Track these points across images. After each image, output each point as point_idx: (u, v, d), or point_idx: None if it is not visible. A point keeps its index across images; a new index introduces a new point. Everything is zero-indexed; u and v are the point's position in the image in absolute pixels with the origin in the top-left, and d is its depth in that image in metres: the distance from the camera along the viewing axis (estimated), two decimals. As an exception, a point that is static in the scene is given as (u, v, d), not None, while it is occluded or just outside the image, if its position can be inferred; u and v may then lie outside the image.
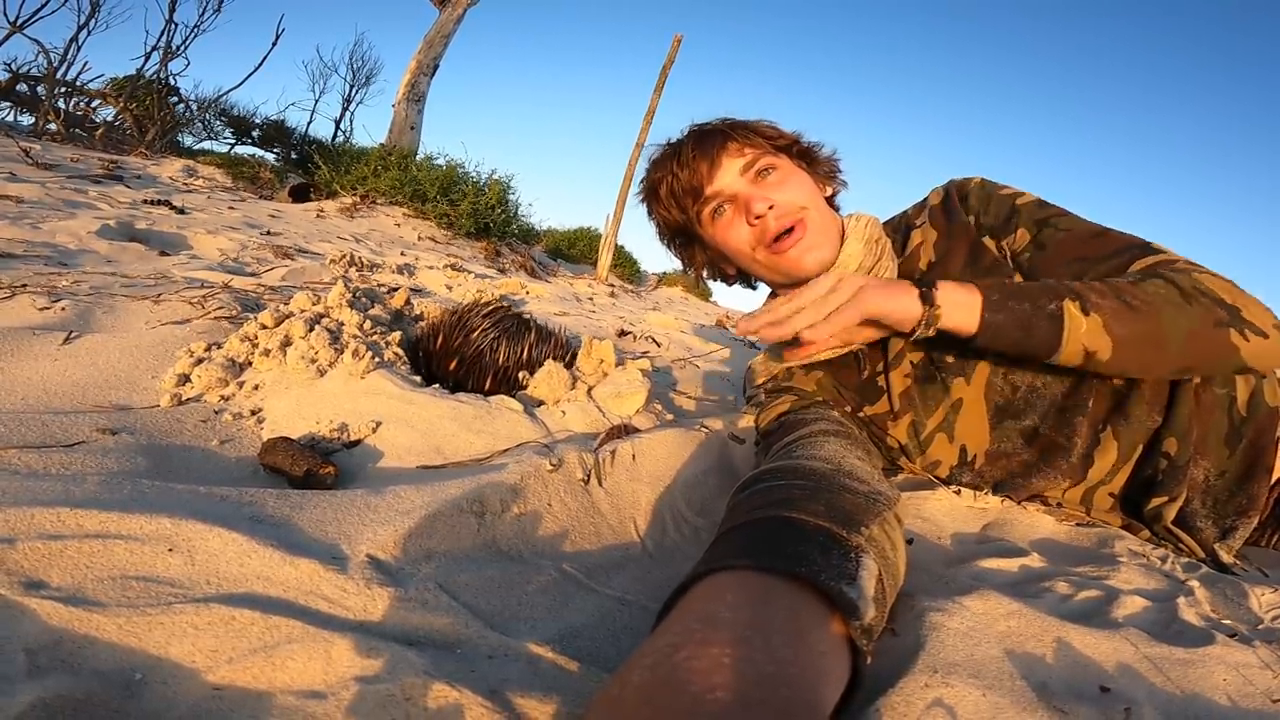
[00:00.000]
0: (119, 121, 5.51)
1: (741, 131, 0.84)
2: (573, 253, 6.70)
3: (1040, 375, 0.80)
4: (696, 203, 0.86)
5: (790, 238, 0.80)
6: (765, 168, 0.83)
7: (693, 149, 0.85)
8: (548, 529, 0.67)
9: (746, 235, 0.84)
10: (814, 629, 0.38)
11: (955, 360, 0.82)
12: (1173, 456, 0.76)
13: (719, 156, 0.84)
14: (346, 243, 3.14)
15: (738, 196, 0.84)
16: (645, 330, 2.29)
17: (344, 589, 0.48)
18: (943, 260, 0.84)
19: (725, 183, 0.84)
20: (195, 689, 0.39)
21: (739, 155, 0.83)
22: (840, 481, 0.57)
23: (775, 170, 0.83)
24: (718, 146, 0.84)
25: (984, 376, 0.82)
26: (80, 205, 2.46)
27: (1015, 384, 0.81)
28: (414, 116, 6.23)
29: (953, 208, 0.86)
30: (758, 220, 0.82)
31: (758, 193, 0.82)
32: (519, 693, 0.41)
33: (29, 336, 0.97)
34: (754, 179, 0.83)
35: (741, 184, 0.83)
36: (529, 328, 1.10)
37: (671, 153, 0.88)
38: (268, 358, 0.98)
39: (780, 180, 0.83)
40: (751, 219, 0.82)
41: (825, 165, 0.90)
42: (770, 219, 0.81)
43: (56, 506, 0.49)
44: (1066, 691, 0.49)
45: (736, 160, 0.83)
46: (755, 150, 0.84)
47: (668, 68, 4.89)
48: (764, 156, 0.83)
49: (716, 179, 0.84)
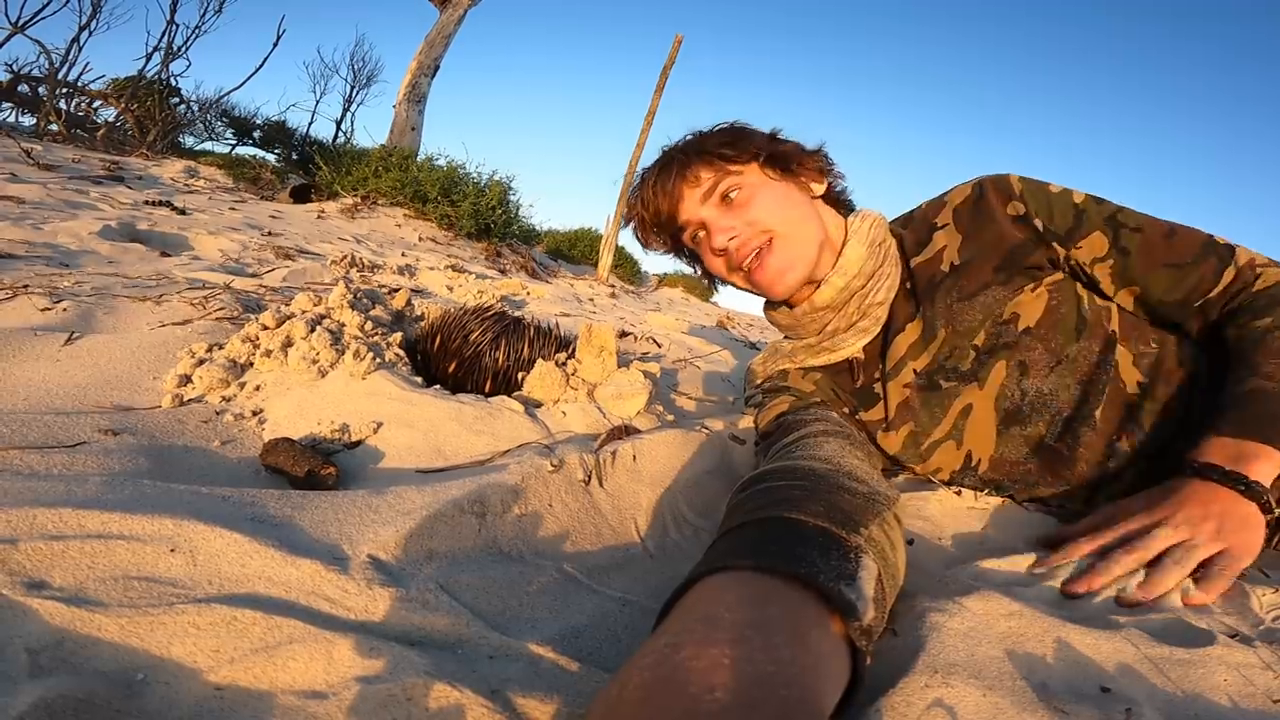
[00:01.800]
0: (120, 122, 5.52)
1: (698, 156, 0.83)
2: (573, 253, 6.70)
3: (1051, 381, 0.79)
4: (674, 231, 0.88)
5: (759, 263, 0.80)
6: (728, 190, 0.82)
7: (653, 185, 0.86)
8: (549, 529, 0.67)
9: (719, 263, 0.85)
10: (814, 629, 0.38)
11: (970, 368, 0.81)
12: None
13: (678, 188, 0.84)
14: (347, 243, 3.14)
15: (705, 224, 0.84)
16: (646, 331, 2.29)
17: (345, 589, 0.48)
18: (968, 265, 0.81)
19: (691, 212, 0.84)
20: (197, 689, 0.39)
21: (696, 184, 0.83)
22: (839, 482, 0.57)
23: (739, 189, 0.82)
24: (675, 179, 0.84)
25: (998, 381, 0.80)
26: (82, 206, 2.47)
27: (1025, 390, 0.80)
28: (415, 117, 6.23)
29: (985, 209, 0.80)
30: (721, 253, 0.82)
31: (721, 222, 0.81)
32: (520, 693, 0.41)
33: (31, 337, 0.98)
34: (719, 204, 0.82)
35: (706, 211, 0.83)
36: (526, 329, 1.10)
37: (640, 187, 0.89)
38: (269, 358, 0.98)
39: (746, 200, 0.81)
40: (715, 253, 0.83)
41: (810, 163, 0.86)
42: (732, 249, 0.81)
43: (59, 507, 0.49)
44: (1067, 692, 0.49)
45: (695, 190, 0.83)
46: (713, 173, 0.82)
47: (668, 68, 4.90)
48: (725, 178, 0.82)
49: (682, 210, 0.85)
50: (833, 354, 0.88)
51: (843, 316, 0.85)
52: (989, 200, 0.80)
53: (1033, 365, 0.79)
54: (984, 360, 0.80)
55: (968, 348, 0.80)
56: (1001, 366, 0.80)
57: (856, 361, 0.87)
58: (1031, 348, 0.79)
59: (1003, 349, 0.79)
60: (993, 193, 0.80)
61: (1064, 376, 0.78)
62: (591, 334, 1.08)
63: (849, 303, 0.84)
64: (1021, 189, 0.79)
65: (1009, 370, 0.80)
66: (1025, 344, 0.79)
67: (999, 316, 0.80)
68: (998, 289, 0.79)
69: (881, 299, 0.84)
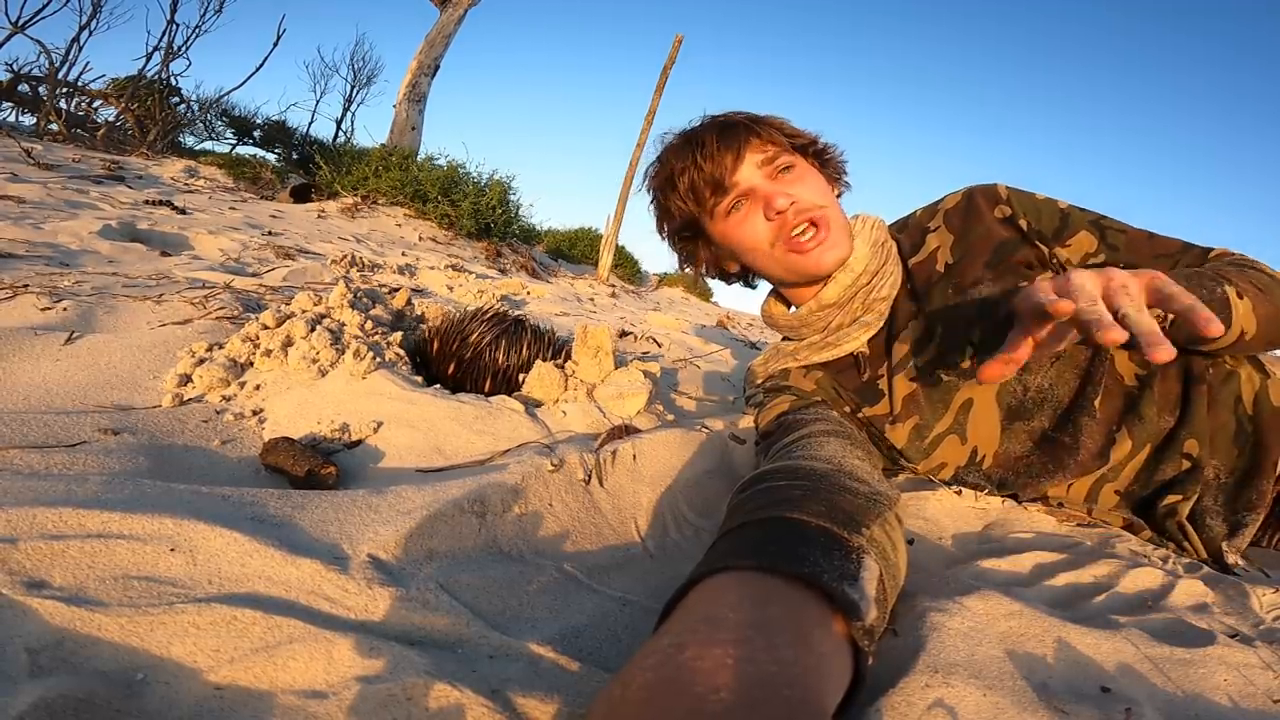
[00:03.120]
0: (120, 122, 5.52)
1: (764, 127, 0.84)
2: (574, 253, 6.70)
3: (1050, 375, 0.81)
4: (714, 195, 0.85)
5: (815, 236, 0.81)
6: (785, 165, 0.83)
7: (717, 141, 0.84)
8: (549, 529, 0.67)
9: (764, 230, 0.83)
10: (816, 629, 0.38)
11: (971, 366, 0.82)
12: (1195, 457, 0.77)
13: (744, 150, 0.83)
14: (347, 243, 3.14)
15: (755, 190, 0.83)
16: (646, 331, 2.29)
17: (346, 589, 0.48)
18: (960, 263, 0.84)
19: (745, 176, 0.83)
20: (197, 689, 0.39)
21: (760, 150, 0.83)
22: (841, 482, 0.57)
23: (793, 169, 0.83)
24: (742, 140, 0.83)
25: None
26: (82, 205, 2.47)
27: (1026, 385, 0.82)
28: (415, 117, 6.24)
29: (974, 212, 0.86)
30: (778, 215, 0.81)
31: (778, 189, 0.82)
32: (520, 693, 0.41)
33: (31, 337, 0.98)
34: (773, 175, 0.83)
35: (760, 179, 0.83)
36: (525, 329, 1.10)
37: (692, 143, 0.86)
38: (269, 358, 0.98)
39: (798, 178, 0.83)
40: (772, 213, 0.81)
41: (835, 167, 0.91)
42: (790, 214, 0.81)
43: (59, 506, 0.49)
44: (1067, 691, 0.49)
45: (758, 155, 0.83)
46: (776, 147, 0.84)
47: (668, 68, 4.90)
48: (784, 154, 0.84)
49: (739, 171, 0.83)
50: (837, 348, 0.88)
51: (847, 313, 0.87)
52: (978, 203, 0.86)
53: (1033, 362, 0.80)
54: (984, 359, 0.81)
55: (964, 343, 0.81)
56: None
57: (862, 356, 0.88)
58: None
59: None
60: (981, 198, 0.86)
61: (1062, 371, 0.80)
62: (587, 335, 1.08)
63: (854, 299, 0.86)
64: (1008, 195, 0.85)
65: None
66: None
67: (997, 317, 0.80)
68: (990, 284, 0.81)
69: (885, 294, 0.86)
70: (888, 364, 0.86)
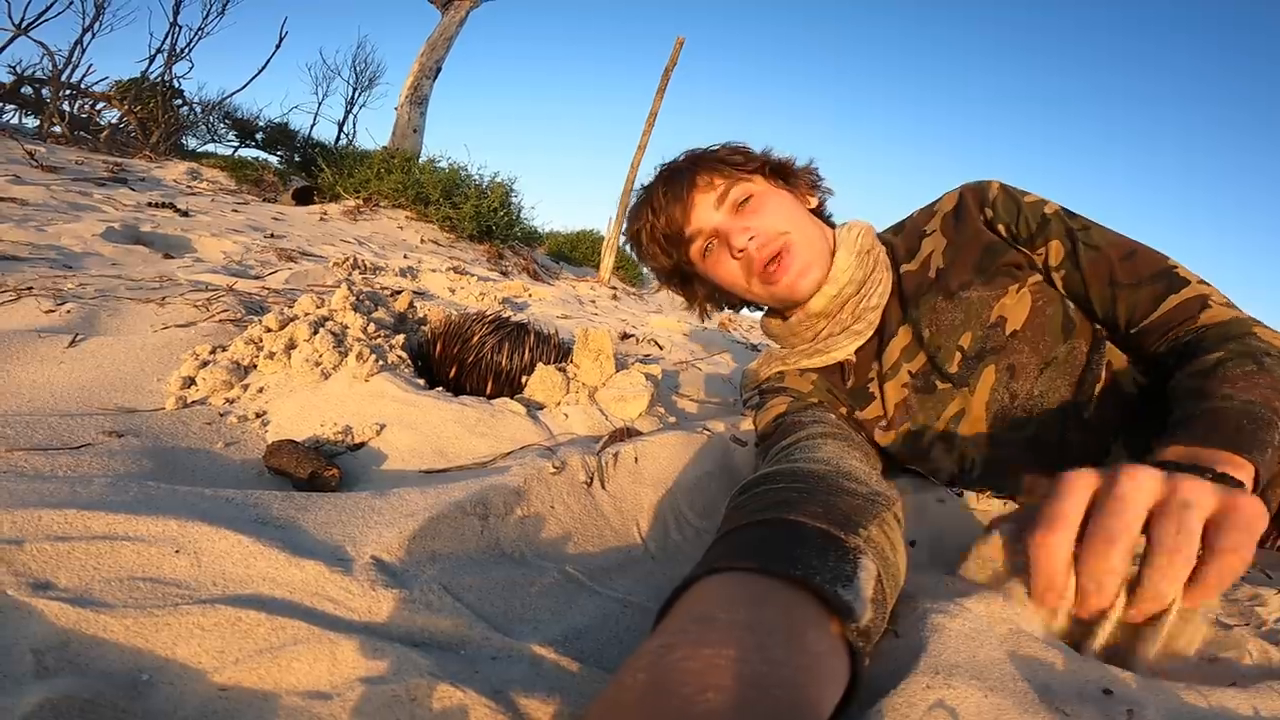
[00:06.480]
0: (123, 124, 5.54)
1: (707, 164, 0.84)
2: (575, 255, 6.70)
3: (1040, 384, 0.80)
4: (680, 245, 0.87)
5: (779, 265, 0.81)
6: (741, 196, 0.83)
7: (663, 193, 0.85)
8: (551, 531, 0.68)
9: (736, 268, 0.84)
10: (810, 630, 0.38)
11: (959, 372, 0.81)
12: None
13: (690, 195, 0.84)
14: (350, 245, 3.15)
15: (718, 231, 0.84)
16: (648, 333, 2.29)
17: (349, 590, 0.48)
18: (950, 266, 0.84)
19: (703, 220, 0.84)
20: (202, 690, 0.39)
21: (709, 190, 0.84)
22: (839, 483, 0.57)
23: (752, 196, 0.83)
24: (687, 185, 0.84)
25: (988, 385, 0.81)
26: (85, 208, 2.48)
27: (1015, 393, 0.80)
28: (417, 119, 6.25)
29: (964, 213, 0.85)
30: (740, 254, 0.82)
31: (737, 224, 0.82)
32: (522, 693, 0.41)
33: (35, 339, 0.98)
34: (732, 210, 0.83)
35: (720, 217, 0.84)
36: (527, 332, 1.11)
37: (645, 199, 0.89)
38: (272, 360, 0.99)
39: (758, 206, 0.83)
40: (735, 253, 0.82)
41: (804, 177, 0.90)
42: (752, 250, 0.81)
43: (64, 508, 0.49)
44: (1069, 693, 0.49)
45: (709, 195, 0.84)
46: (725, 180, 0.84)
47: (670, 70, 4.90)
48: (736, 184, 0.83)
49: (693, 218, 0.85)
50: (825, 356, 0.88)
51: (836, 322, 0.87)
52: (968, 204, 0.85)
53: (1021, 368, 0.79)
54: (973, 366, 0.81)
55: (953, 348, 0.81)
56: (990, 371, 0.81)
57: (848, 364, 0.88)
58: (1019, 350, 0.79)
59: (990, 353, 0.80)
60: (970, 198, 0.85)
61: (1054, 378, 0.79)
62: (588, 338, 1.09)
63: (842, 309, 0.86)
64: (996, 195, 0.83)
65: (998, 374, 0.81)
66: (1013, 347, 0.80)
67: (985, 320, 0.80)
68: (980, 288, 0.80)
69: (875, 304, 0.85)
70: (879, 370, 0.86)
